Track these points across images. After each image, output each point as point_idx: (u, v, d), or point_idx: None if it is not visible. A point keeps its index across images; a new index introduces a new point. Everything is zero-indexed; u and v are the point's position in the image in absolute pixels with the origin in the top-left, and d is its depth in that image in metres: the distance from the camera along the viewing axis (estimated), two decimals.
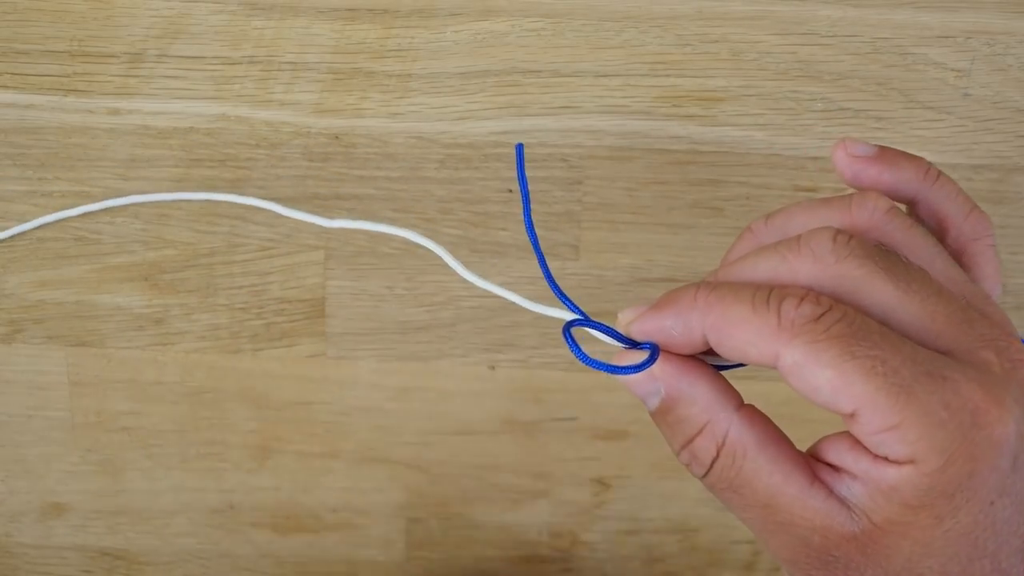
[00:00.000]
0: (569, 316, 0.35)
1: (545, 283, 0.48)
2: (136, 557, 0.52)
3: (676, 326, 0.32)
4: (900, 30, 0.44)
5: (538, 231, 0.47)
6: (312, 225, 0.47)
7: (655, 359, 0.33)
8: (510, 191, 0.46)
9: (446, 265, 0.42)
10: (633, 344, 0.33)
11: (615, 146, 0.46)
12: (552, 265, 0.47)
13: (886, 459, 0.30)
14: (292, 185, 0.46)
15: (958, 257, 0.35)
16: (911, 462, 0.30)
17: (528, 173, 0.46)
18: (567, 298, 0.35)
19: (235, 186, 0.46)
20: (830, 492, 0.31)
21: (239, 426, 0.50)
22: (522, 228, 0.47)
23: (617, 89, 0.45)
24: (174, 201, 0.47)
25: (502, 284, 0.48)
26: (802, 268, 0.32)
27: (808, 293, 0.31)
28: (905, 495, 0.30)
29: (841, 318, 0.30)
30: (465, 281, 0.38)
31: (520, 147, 0.35)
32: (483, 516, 0.51)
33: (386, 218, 0.47)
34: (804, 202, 0.35)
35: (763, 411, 0.33)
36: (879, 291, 0.31)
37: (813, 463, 0.32)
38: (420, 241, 0.38)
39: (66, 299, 0.48)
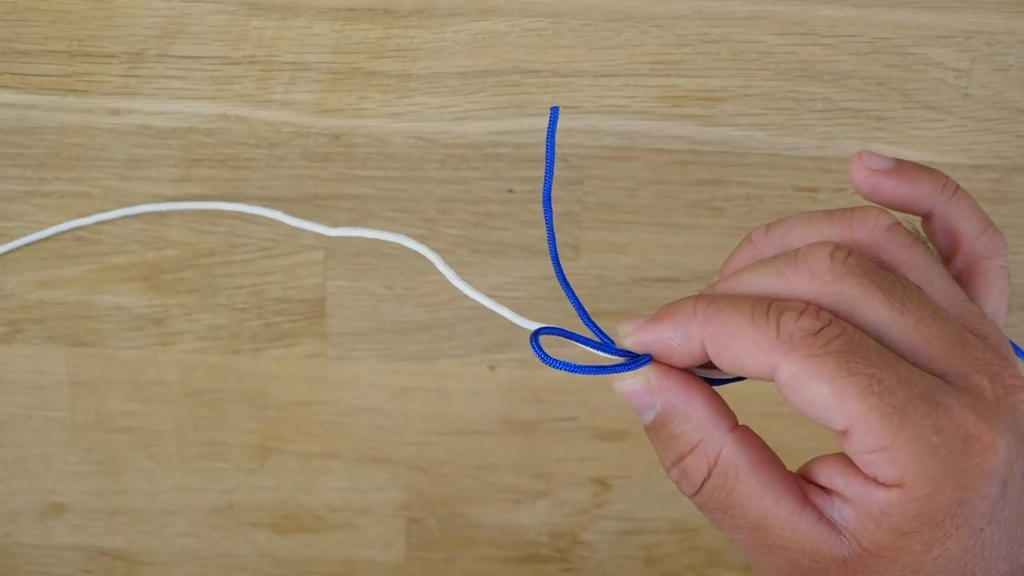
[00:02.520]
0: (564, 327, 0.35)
1: (546, 283, 0.48)
2: (136, 557, 0.52)
3: (675, 337, 0.32)
4: (900, 30, 0.44)
5: (538, 231, 0.47)
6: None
7: (648, 361, 0.33)
8: (510, 191, 0.46)
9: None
10: (616, 352, 0.33)
11: (615, 146, 0.46)
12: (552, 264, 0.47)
13: (876, 481, 0.30)
14: (292, 185, 0.46)
15: (967, 274, 0.35)
16: (900, 486, 0.30)
17: (528, 173, 0.46)
18: (572, 293, 0.35)
19: (235, 186, 0.46)
20: (820, 515, 0.31)
21: (239, 426, 0.50)
22: (522, 228, 0.47)
23: (617, 89, 0.45)
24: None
25: (502, 284, 0.48)
26: (799, 284, 0.32)
27: (807, 307, 0.31)
28: (895, 520, 0.30)
29: (840, 334, 0.30)
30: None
31: (555, 110, 0.34)
32: (483, 516, 0.51)
33: (386, 218, 0.47)
34: (805, 214, 0.35)
35: (768, 411, 0.33)
36: (875, 310, 0.31)
37: (804, 485, 0.32)
38: (413, 247, 0.38)
39: (66, 299, 0.48)
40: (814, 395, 0.30)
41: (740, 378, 0.34)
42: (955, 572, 0.30)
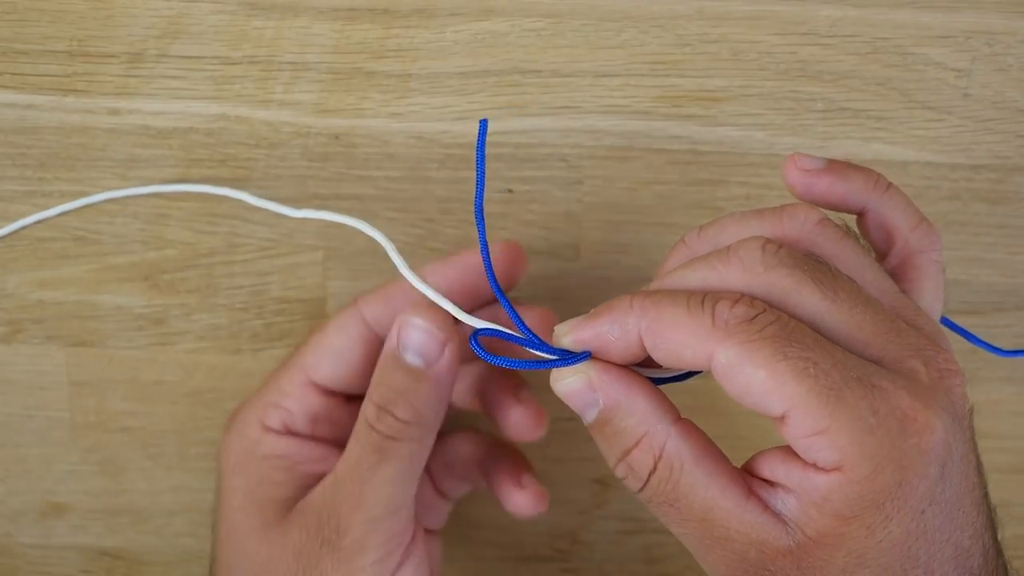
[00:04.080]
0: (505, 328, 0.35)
1: (546, 282, 0.48)
2: (136, 557, 0.52)
3: (613, 331, 0.33)
4: (900, 30, 0.44)
5: (538, 231, 0.47)
6: (312, 225, 0.47)
7: (586, 357, 0.33)
8: (510, 191, 0.46)
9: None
10: (554, 352, 0.34)
11: (615, 146, 0.46)
12: (552, 265, 0.47)
13: (815, 467, 0.30)
14: (292, 185, 0.46)
15: (901, 269, 0.36)
16: (839, 469, 0.30)
17: (528, 173, 0.46)
18: (503, 294, 0.35)
19: (235, 186, 0.46)
20: (765, 507, 0.32)
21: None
22: (522, 228, 0.47)
23: (617, 89, 0.45)
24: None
25: None
26: (732, 277, 0.32)
27: (742, 296, 0.31)
28: (836, 505, 0.30)
29: (775, 320, 0.31)
30: None
31: (484, 123, 0.35)
32: (483, 516, 0.51)
33: (386, 218, 0.47)
34: (736, 213, 0.35)
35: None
36: (808, 299, 0.31)
37: (748, 479, 0.32)
38: (369, 232, 0.38)
39: (66, 299, 0.48)
40: (751, 380, 0.30)
41: (680, 377, 0.34)
42: (899, 556, 0.30)
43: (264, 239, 0.47)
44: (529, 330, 0.34)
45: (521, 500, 0.43)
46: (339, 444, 0.41)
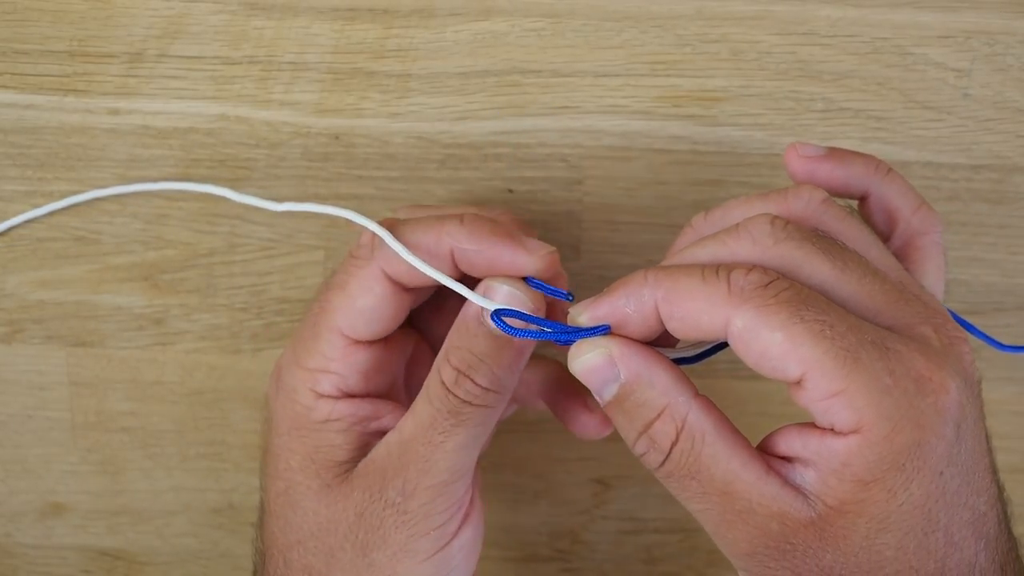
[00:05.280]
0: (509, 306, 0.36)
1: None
2: (136, 557, 0.52)
3: (629, 304, 0.33)
4: (900, 30, 0.44)
5: (538, 231, 0.47)
6: (312, 225, 0.47)
7: (606, 330, 0.33)
8: (510, 191, 0.46)
9: None
10: (567, 337, 0.34)
11: (615, 146, 0.46)
12: None
13: (833, 431, 0.31)
14: (292, 185, 0.46)
15: (904, 251, 0.36)
16: (858, 431, 0.30)
17: (528, 173, 0.46)
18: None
19: (235, 186, 0.46)
20: (785, 481, 0.32)
21: (239, 426, 0.50)
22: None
23: (617, 89, 0.45)
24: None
25: None
26: (742, 251, 0.33)
27: (755, 266, 0.32)
28: (856, 470, 0.30)
29: (790, 286, 0.31)
30: None
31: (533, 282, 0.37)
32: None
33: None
34: (742, 197, 0.36)
35: (768, 411, 0.33)
36: (818, 269, 0.32)
37: (765, 456, 0.33)
38: (362, 222, 0.38)
39: (66, 299, 0.48)
40: (768, 344, 0.30)
41: (695, 358, 0.35)
42: (920, 519, 0.31)
43: (264, 239, 0.47)
44: (553, 323, 0.35)
45: (590, 422, 0.42)
46: (390, 394, 0.41)
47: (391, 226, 0.38)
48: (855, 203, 0.38)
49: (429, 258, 0.37)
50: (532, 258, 0.37)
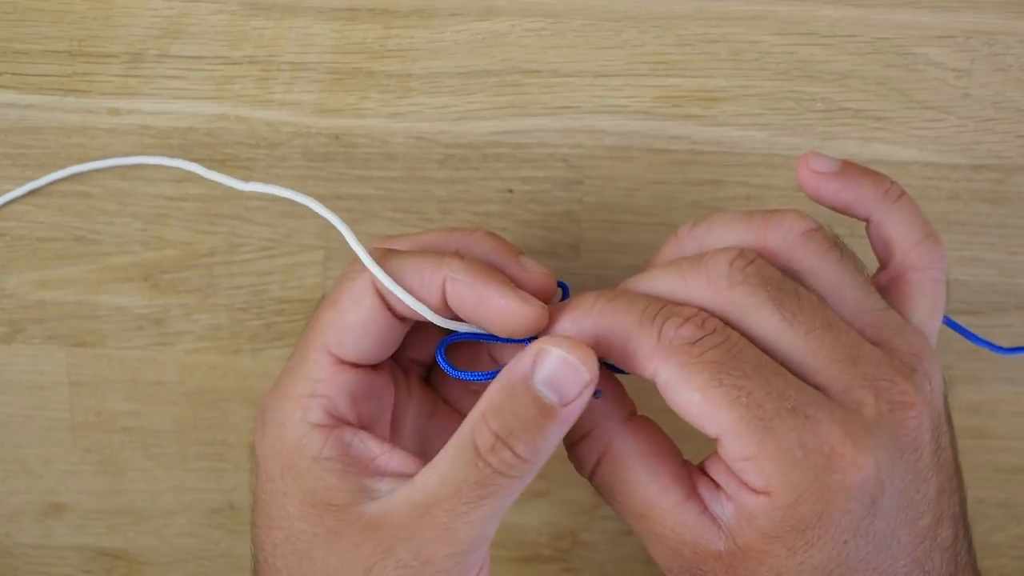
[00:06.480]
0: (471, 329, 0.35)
1: None
2: (136, 557, 0.52)
3: (572, 329, 0.33)
4: (900, 30, 0.44)
5: (538, 231, 0.47)
6: (312, 225, 0.47)
7: (529, 341, 0.33)
8: (510, 191, 0.46)
9: None
10: (517, 341, 0.35)
11: (615, 146, 0.46)
12: (552, 265, 0.47)
13: (747, 486, 0.31)
14: (292, 185, 0.46)
15: (896, 283, 0.35)
16: (767, 493, 0.31)
17: (528, 173, 0.46)
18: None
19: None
20: (704, 508, 0.33)
21: (239, 426, 0.50)
22: (523, 228, 0.47)
23: (617, 89, 0.45)
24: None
25: None
26: (696, 288, 0.33)
27: (696, 315, 0.32)
28: (762, 524, 0.31)
29: (719, 344, 0.31)
30: None
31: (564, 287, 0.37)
32: None
33: (386, 218, 0.47)
34: (728, 214, 0.35)
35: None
36: (765, 320, 0.32)
37: (698, 476, 0.33)
38: (324, 214, 0.38)
39: (66, 299, 0.48)
40: (687, 402, 0.31)
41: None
42: None
43: (264, 239, 0.47)
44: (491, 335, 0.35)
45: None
46: (381, 428, 0.38)
47: (384, 254, 0.36)
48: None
49: (421, 284, 0.35)
50: (524, 307, 0.34)
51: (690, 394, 0.31)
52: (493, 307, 0.34)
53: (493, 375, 0.34)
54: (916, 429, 0.31)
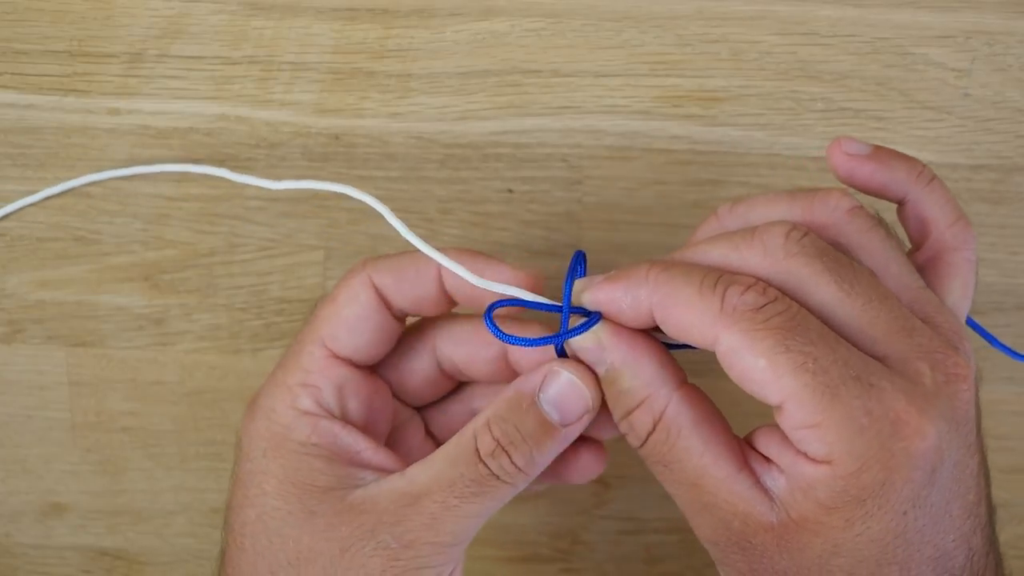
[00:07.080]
0: (527, 297, 0.36)
1: (546, 283, 0.47)
2: (136, 557, 0.52)
3: (625, 299, 0.33)
4: (900, 30, 0.44)
5: (538, 231, 0.47)
6: (312, 225, 0.47)
7: (595, 323, 0.34)
8: (510, 191, 0.46)
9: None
10: (570, 310, 0.35)
11: (615, 146, 0.46)
12: (552, 265, 0.47)
13: (806, 456, 0.31)
14: None
15: (932, 263, 0.35)
16: (828, 462, 0.30)
17: (528, 173, 0.46)
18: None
19: (235, 186, 0.46)
20: (756, 481, 0.32)
21: (239, 426, 0.50)
22: (522, 228, 0.47)
23: (617, 89, 0.45)
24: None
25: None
26: (752, 259, 0.32)
27: (755, 283, 0.32)
28: (820, 495, 0.31)
29: (783, 311, 0.31)
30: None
31: (579, 254, 0.36)
32: None
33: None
34: (770, 193, 0.35)
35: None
36: (823, 290, 0.32)
37: (747, 450, 0.33)
38: (361, 197, 0.38)
39: (66, 299, 0.48)
40: (751, 368, 0.31)
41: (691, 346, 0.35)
42: (875, 552, 0.31)
43: (264, 239, 0.47)
44: (550, 304, 0.36)
45: (582, 465, 0.41)
46: (369, 428, 0.39)
47: (369, 261, 0.37)
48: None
49: (417, 275, 0.37)
50: (517, 273, 0.36)
51: (755, 360, 0.30)
52: (489, 279, 0.36)
53: (540, 342, 0.34)
54: (968, 403, 0.31)
